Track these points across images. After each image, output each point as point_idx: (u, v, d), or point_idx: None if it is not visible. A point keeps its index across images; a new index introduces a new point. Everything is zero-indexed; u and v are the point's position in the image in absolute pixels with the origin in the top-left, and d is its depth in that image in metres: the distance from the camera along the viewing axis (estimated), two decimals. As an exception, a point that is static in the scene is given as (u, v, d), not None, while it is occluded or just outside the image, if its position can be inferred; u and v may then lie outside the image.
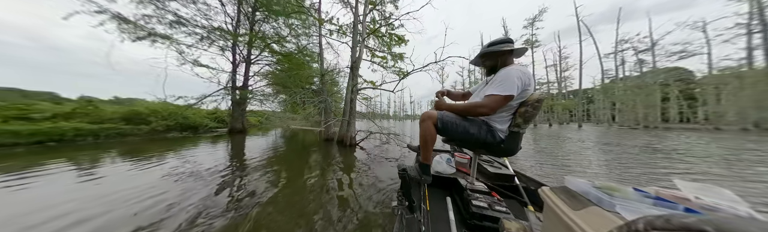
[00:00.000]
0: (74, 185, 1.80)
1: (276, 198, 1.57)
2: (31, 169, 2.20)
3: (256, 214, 1.31)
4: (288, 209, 1.39)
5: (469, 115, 0.87)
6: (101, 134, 4.79)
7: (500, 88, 0.79)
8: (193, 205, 1.42)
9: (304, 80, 6.95)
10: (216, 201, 1.49)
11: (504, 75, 0.82)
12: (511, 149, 0.85)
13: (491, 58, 0.94)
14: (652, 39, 17.76)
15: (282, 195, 1.63)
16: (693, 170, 2.58)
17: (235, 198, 1.56)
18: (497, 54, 0.91)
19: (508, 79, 0.79)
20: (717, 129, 11.54)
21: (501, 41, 0.91)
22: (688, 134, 8.29)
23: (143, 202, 1.45)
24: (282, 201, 1.53)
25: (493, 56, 0.93)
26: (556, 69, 23.38)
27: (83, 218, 1.23)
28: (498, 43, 0.91)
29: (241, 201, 1.50)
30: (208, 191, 1.67)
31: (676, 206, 0.32)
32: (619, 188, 0.40)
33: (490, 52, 0.91)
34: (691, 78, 17.41)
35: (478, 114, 0.84)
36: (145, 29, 5.46)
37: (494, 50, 0.90)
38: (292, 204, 1.47)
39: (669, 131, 9.83)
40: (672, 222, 0.22)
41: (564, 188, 0.48)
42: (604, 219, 0.34)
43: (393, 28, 4.99)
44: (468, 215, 0.79)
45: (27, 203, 1.45)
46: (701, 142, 5.56)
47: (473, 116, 0.87)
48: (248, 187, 1.80)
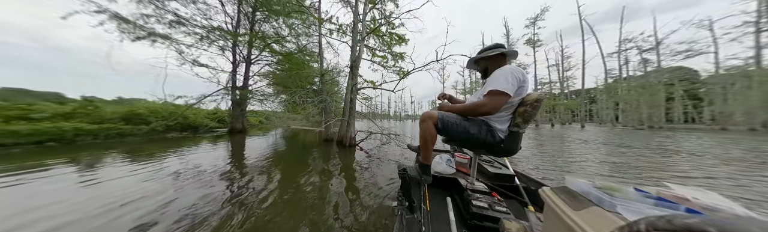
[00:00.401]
0: (65, 187, 1.78)
1: (267, 202, 1.52)
2: (25, 169, 2.21)
3: (242, 219, 1.27)
4: (278, 214, 1.35)
5: (472, 114, 0.88)
6: (101, 134, 4.83)
7: (495, 84, 0.82)
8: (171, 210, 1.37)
9: (304, 80, 6.98)
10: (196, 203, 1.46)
11: (497, 73, 0.86)
12: (512, 149, 0.86)
13: (483, 63, 1.01)
14: (657, 38, 17.60)
15: (275, 198, 1.60)
16: (715, 174, 2.38)
17: (221, 201, 1.51)
18: (488, 58, 0.98)
19: (501, 76, 0.82)
20: (724, 129, 11.45)
21: (491, 47, 0.98)
22: (697, 134, 8.19)
23: (122, 207, 1.41)
24: (277, 204, 1.51)
25: (485, 61, 0.99)
26: (558, 69, 23.25)
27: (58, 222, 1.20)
28: (488, 49, 0.97)
29: (228, 205, 1.46)
30: (194, 194, 1.63)
31: (677, 206, 0.32)
32: (620, 189, 0.40)
33: (481, 58, 0.98)
34: (696, 78, 17.26)
35: (480, 113, 0.85)
36: (144, 29, 5.50)
37: (484, 56, 0.96)
38: (287, 208, 1.46)
39: (676, 132, 9.72)
40: (674, 223, 0.22)
41: (564, 188, 0.48)
42: (606, 219, 0.33)
43: (393, 27, 4.97)
44: (468, 216, 0.79)
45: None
46: (714, 142, 5.45)
47: (476, 115, 0.88)
48: (239, 190, 1.75)
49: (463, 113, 0.89)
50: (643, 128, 13.73)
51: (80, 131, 4.54)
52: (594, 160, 3.26)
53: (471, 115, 0.88)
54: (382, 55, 5.23)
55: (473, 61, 1.03)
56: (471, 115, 0.88)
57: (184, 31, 6.04)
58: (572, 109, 26.02)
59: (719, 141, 5.79)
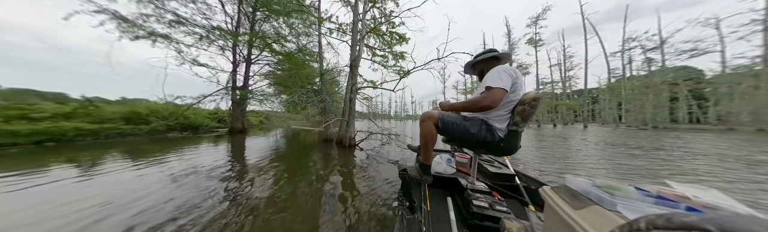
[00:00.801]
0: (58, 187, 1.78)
1: (256, 207, 1.45)
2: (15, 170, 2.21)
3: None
4: (268, 220, 1.29)
5: (473, 110, 0.90)
6: (101, 134, 4.87)
7: (490, 81, 0.86)
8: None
9: (304, 80, 7.00)
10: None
11: (491, 72, 0.90)
12: (511, 148, 0.87)
13: (479, 67, 1.08)
14: (662, 37, 17.50)
15: (267, 202, 1.53)
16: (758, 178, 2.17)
17: (204, 205, 1.47)
18: (483, 62, 1.05)
19: (495, 73, 0.87)
20: (730, 130, 11.34)
21: (485, 52, 1.04)
22: (705, 135, 8.05)
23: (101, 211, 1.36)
24: (272, 206, 1.48)
25: (481, 64, 1.06)
26: (560, 68, 23.19)
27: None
28: (482, 54, 1.04)
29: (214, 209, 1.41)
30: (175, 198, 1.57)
31: (677, 204, 0.33)
32: (620, 187, 0.40)
33: (477, 62, 1.05)
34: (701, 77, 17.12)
35: (480, 107, 0.86)
36: (143, 28, 5.54)
37: (480, 59, 1.04)
38: (280, 212, 1.42)
39: (684, 132, 9.55)
40: (674, 221, 0.22)
41: (565, 188, 0.48)
42: (606, 218, 0.34)
43: (393, 26, 4.95)
44: (469, 215, 0.80)
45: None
46: (728, 143, 5.33)
47: (477, 110, 0.90)
48: (226, 194, 1.69)
49: (463, 109, 0.92)
50: (647, 128, 13.63)
51: (81, 130, 4.58)
52: (610, 162, 3.02)
53: (471, 110, 0.90)
54: (382, 54, 5.21)
55: (470, 65, 1.09)
56: (471, 110, 0.90)
57: (184, 31, 6.08)
58: (574, 109, 25.90)
59: (734, 142, 5.57)
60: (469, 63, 1.08)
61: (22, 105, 4.70)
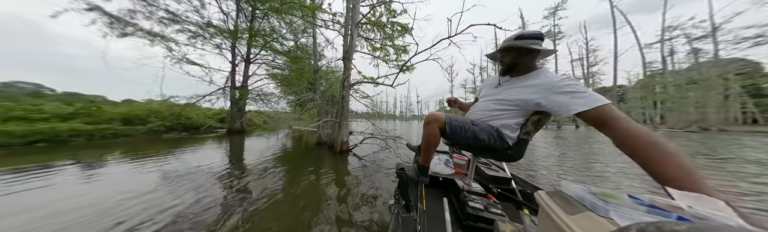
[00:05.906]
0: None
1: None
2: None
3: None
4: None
5: (650, 150, 0.55)
6: (96, 134, 5.15)
7: (596, 96, 0.66)
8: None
9: (303, 78, 7.13)
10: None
11: (570, 82, 0.71)
12: (518, 156, 0.90)
13: (513, 55, 0.85)
14: (713, 23, 15.86)
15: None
16: None
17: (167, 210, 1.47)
18: (522, 51, 0.82)
19: (577, 84, 0.70)
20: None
21: (531, 36, 0.80)
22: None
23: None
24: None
25: (517, 53, 0.83)
26: (582, 63, 22.18)
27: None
28: (527, 37, 0.80)
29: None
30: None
31: (669, 214, 0.35)
32: (615, 195, 0.42)
33: (515, 47, 0.82)
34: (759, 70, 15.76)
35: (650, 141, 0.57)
36: (131, 25, 5.83)
37: (520, 46, 0.80)
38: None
39: (754, 136, 8.36)
40: (663, 229, 0.24)
41: (560, 193, 0.50)
42: (598, 224, 0.36)
43: (394, 15, 4.61)
44: (463, 216, 0.85)
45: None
46: None
47: (649, 145, 0.56)
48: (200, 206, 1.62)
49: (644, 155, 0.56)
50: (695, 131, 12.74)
51: (75, 131, 4.86)
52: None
53: (650, 151, 0.56)
54: (378, 46, 4.96)
55: (502, 48, 0.86)
56: (650, 151, 0.56)
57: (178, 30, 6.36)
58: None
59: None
60: (507, 46, 0.83)
61: (27, 106, 5.06)
